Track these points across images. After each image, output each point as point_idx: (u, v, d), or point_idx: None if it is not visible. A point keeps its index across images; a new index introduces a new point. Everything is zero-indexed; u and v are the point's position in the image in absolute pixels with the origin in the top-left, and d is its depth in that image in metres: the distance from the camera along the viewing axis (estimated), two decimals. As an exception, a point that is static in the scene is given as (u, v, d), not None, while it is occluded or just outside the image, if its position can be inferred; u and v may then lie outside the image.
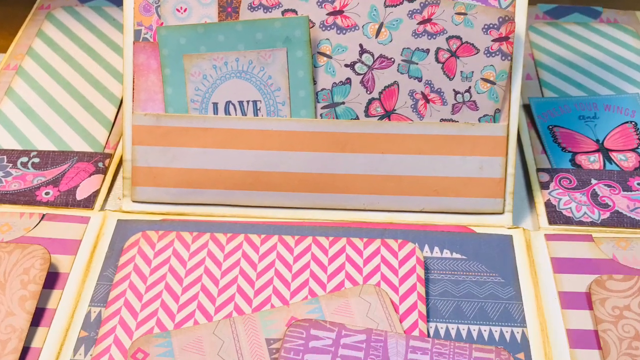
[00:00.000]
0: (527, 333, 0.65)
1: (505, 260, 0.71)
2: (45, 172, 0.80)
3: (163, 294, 0.68)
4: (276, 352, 0.62)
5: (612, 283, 0.67)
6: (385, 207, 0.76)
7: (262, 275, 0.69)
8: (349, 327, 0.63)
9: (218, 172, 0.76)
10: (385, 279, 0.68)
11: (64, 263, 0.71)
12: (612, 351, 0.62)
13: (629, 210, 0.75)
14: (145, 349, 0.62)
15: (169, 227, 0.75)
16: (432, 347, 0.62)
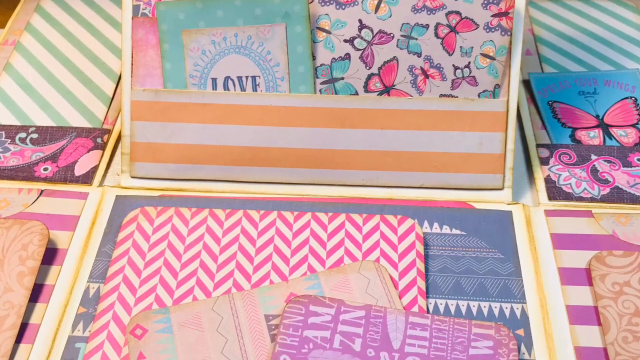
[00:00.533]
0: (527, 309, 0.64)
1: (504, 236, 0.70)
2: (43, 147, 0.79)
3: (162, 270, 0.67)
4: (275, 328, 0.61)
5: (612, 259, 0.66)
6: (384, 183, 0.75)
7: (261, 251, 0.68)
8: (348, 303, 0.62)
9: (217, 148, 0.75)
10: (384, 254, 0.67)
11: (62, 239, 0.70)
12: (612, 327, 0.61)
13: (629, 186, 0.74)
14: (144, 325, 0.61)
15: (167, 203, 0.73)
16: (432, 323, 0.61)
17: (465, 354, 0.59)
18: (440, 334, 0.60)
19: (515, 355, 0.59)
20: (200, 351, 0.60)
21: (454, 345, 0.59)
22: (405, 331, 0.60)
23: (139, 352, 0.60)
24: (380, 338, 0.60)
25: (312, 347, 0.59)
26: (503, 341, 0.59)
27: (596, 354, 0.60)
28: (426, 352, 0.59)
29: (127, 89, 0.75)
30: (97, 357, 0.60)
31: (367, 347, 0.59)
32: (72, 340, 0.62)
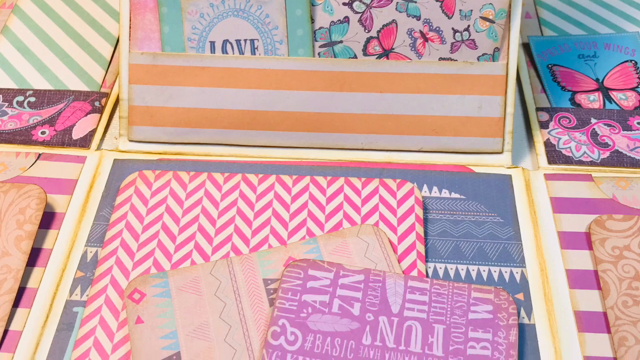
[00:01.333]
0: (527, 273, 0.62)
1: (504, 200, 0.68)
2: (41, 111, 0.77)
3: (160, 234, 0.65)
4: (274, 292, 0.59)
5: (612, 223, 0.64)
6: (383, 147, 0.72)
7: (260, 215, 0.66)
8: (347, 268, 0.60)
9: (215, 112, 0.72)
10: (383, 218, 0.65)
11: (60, 203, 0.68)
12: (612, 291, 0.59)
13: (629, 150, 0.72)
14: (142, 289, 0.59)
15: (165, 166, 0.71)
16: (431, 287, 0.59)
17: (464, 318, 0.57)
18: (439, 298, 0.58)
19: (514, 319, 0.57)
20: (198, 315, 0.58)
21: (453, 309, 0.58)
22: (405, 295, 0.58)
23: (137, 316, 0.58)
24: (379, 302, 0.58)
25: (311, 311, 0.57)
26: (502, 305, 0.58)
27: (596, 318, 0.59)
28: (425, 317, 0.57)
29: (125, 52, 0.73)
30: (94, 321, 0.59)
31: (366, 311, 0.57)
32: (69, 305, 0.61)
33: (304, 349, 0.55)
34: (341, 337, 0.56)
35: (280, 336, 0.56)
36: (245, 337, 0.57)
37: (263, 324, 0.57)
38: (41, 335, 0.59)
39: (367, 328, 0.56)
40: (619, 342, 0.57)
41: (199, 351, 0.56)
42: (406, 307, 0.58)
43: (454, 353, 0.55)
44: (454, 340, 0.56)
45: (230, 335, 0.57)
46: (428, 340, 0.56)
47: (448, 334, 0.56)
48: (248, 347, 0.56)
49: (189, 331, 0.57)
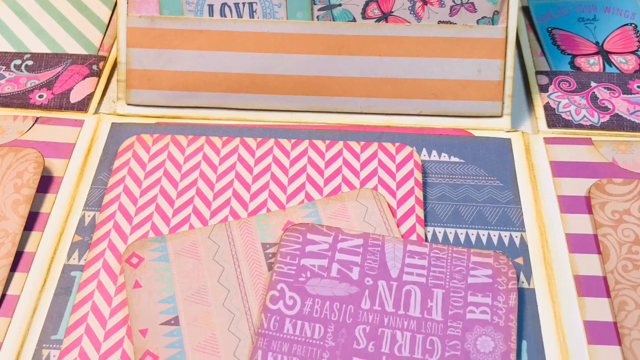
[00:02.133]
0: (526, 237, 0.60)
1: (504, 163, 0.65)
2: (39, 74, 0.74)
3: (158, 198, 0.62)
4: (272, 256, 0.57)
5: (612, 187, 0.62)
6: (382, 110, 0.70)
7: (258, 179, 0.64)
8: (345, 232, 0.58)
9: (214, 75, 0.70)
10: (382, 182, 0.63)
11: (57, 167, 0.66)
12: (612, 255, 0.57)
13: (629, 114, 0.69)
14: (140, 254, 0.57)
15: (163, 130, 0.69)
16: (430, 251, 0.57)
17: (463, 282, 0.55)
18: (438, 263, 0.56)
19: (514, 283, 0.55)
20: (196, 279, 0.56)
21: (452, 273, 0.56)
22: (404, 260, 0.56)
23: (135, 280, 0.56)
24: (378, 267, 0.56)
25: (310, 275, 0.55)
26: (502, 270, 0.56)
27: (596, 283, 0.57)
28: (424, 281, 0.55)
29: (123, 16, 0.70)
30: (92, 285, 0.57)
31: (365, 275, 0.55)
32: (67, 269, 0.59)
33: (302, 313, 0.54)
34: (340, 302, 0.54)
35: (279, 300, 0.54)
36: (243, 302, 0.55)
37: (261, 288, 0.56)
38: (39, 300, 0.57)
39: (366, 292, 0.55)
40: (618, 307, 0.55)
41: (197, 315, 0.54)
42: (405, 272, 0.56)
43: (453, 317, 0.54)
44: (453, 305, 0.54)
45: (228, 299, 0.55)
46: (427, 304, 0.54)
47: (447, 298, 0.55)
48: (246, 312, 0.54)
49: (187, 295, 0.55)
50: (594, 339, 0.54)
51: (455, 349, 0.52)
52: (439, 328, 0.53)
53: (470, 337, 0.53)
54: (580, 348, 0.53)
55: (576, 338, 0.54)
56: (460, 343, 0.52)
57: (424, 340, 0.52)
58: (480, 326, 0.53)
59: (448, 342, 0.52)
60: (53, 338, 0.55)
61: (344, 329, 0.53)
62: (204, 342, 0.53)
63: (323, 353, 0.52)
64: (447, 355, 0.52)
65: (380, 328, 0.53)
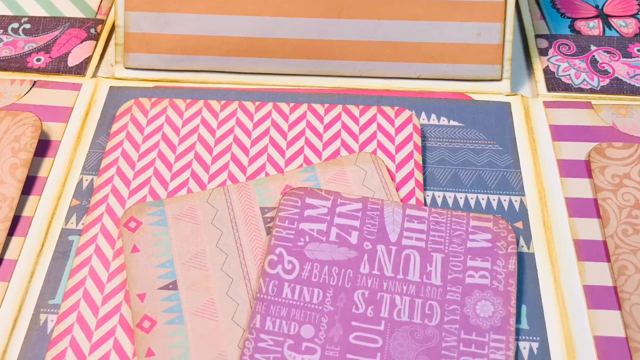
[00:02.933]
0: (526, 201, 0.58)
1: (503, 127, 0.63)
2: (36, 38, 0.71)
3: (156, 162, 0.60)
4: (271, 220, 0.55)
5: (612, 151, 0.60)
6: (381, 74, 0.67)
7: (257, 143, 0.62)
8: (344, 196, 0.56)
9: (212, 38, 0.67)
10: (381, 146, 0.61)
11: (55, 130, 0.63)
12: (612, 220, 0.55)
13: (629, 77, 0.67)
14: (138, 218, 0.55)
15: (161, 94, 0.66)
16: (429, 215, 0.55)
17: (463, 246, 0.53)
18: (437, 227, 0.54)
19: (513, 248, 0.53)
20: (194, 244, 0.54)
21: (451, 238, 0.54)
22: (403, 224, 0.54)
23: (133, 245, 0.54)
24: (377, 231, 0.54)
25: (308, 240, 0.53)
26: (501, 234, 0.54)
27: (596, 247, 0.55)
28: (423, 245, 0.53)
29: (120, -22, 0.68)
30: (90, 250, 0.55)
31: (364, 240, 0.53)
32: (65, 233, 0.57)
33: (301, 277, 0.52)
34: (339, 266, 0.52)
35: (278, 265, 0.52)
36: (242, 266, 0.53)
37: (260, 252, 0.54)
38: (36, 264, 0.55)
39: (365, 257, 0.53)
40: (618, 271, 0.53)
41: (196, 280, 0.52)
42: (404, 236, 0.54)
43: (452, 282, 0.52)
44: (453, 269, 0.52)
45: (226, 264, 0.53)
46: (426, 269, 0.52)
47: (446, 262, 0.53)
48: (245, 276, 0.52)
49: (186, 260, 0.53)
50: (594, 304, 0.52)
51: (455, 314, 0.50)
52: (438, 292, 0.51)
53: (469, 302, 0.51)
54: (580, 312, 0.52)
55: (576, 302, 0.52)
56: (460, 307, 0.50)
57: (423, 304, 0.51)
58: (480, 291, 0.51)
59: (447, 307, 0.50)
60: (51, 302, 0.53)
61: (342, 294, 0.51)
62: (202, 306, 0.51)
63: (322, 317, 0.50)
64: (446, 319, 0.50)
65: (379, 292, 0.51)
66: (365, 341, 0.49)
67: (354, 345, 0.49)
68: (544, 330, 0.51)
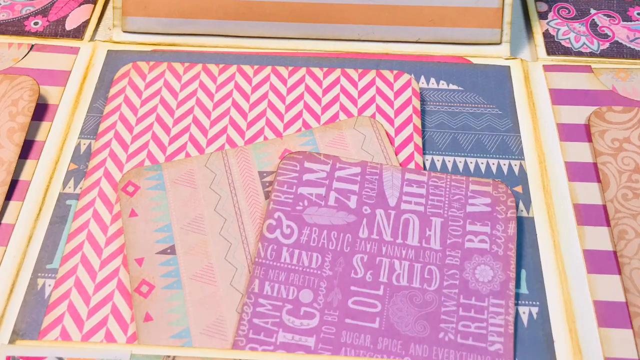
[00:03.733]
0: (525, 166, 0.56)
1: (502, 91, 0.61)
2: (34, 1, 0.69)
3: (154, 125, 0.58)
4: (269, 185, 0.53)
5: (612, 115, 0.57)
6: (380, 38, 0.65)
7: (255, 107, 0.59)
8: (343, 160, 0.53)
9: (210, 2, 0.64)
10: (380, 110, 0.58)
11: (53, 94, 0.61)
12: (612, 184, 0.53)
13: (629, 41, 0.64)
14: (136, 182, 0.53)
15: (160, 57, 0.64)
16: (428, 179, 0.53)
17: (462, 211, 0.51)
18: (437, 191, 0.52)
19: (513, 212, 0.51)
20: (193, 208, 0.52)
21: (451, 202, 0.52)
22: (402, 188, 0.52)
23: (131, 209, 0.52)
24: (376, 195, 0.52)
25: (307, 204, 0.51)
26: (501, 198, 0.52)
27: (595, 211, 0.53)
28: (422, 210, 0.51)
29: (117, -60, 0.65)
30: (88, 214, 0.53)
31: (363, 204, 0.51)
32: (62, 198, 0.54)
33: (300, 242, 0.50)
34: (337, 231, 0.50)
35: (276, 229, 0.50)
36: (240, 230, 0.51)
37: (258, 217, 0.51)
38: (34, 229, 0.53)
39: (364, 221, 0.51)
40: (618, 235, 0.51)
41: (194, 244, 0.50)
42: (403, 200, 0.52)
43: (451, 246, 0.50)
44: (452, 234, 0.50)
45: (225, 228, 0.51)
46: (425, 233, 0.50)
47: (446, 227, 0.50)
48: (243, 241, 0.50)
49: (184, 224, 0.51)
50: (594, 268, 0.50)
51: (454, 278, 0.48)
52: (437, 257, 0.49)
53: (469, 266, 0.49)
54: (579, 277, 0.50)
55: (576, 267, 0.50)
56: (459, 272, 0.48)
57: (422, 269, 0.49)
58: (479, 255, 0.49)
59: (446, 272, 0.48)
60: (48, 267, 0.51)
61: (341, 258, 0.49)
62: (201, 271, 0.49)
63: (320, 282, 0.48)
64: (445, 284, 0.48)
65: (378, 257, 0.49)
66: (364, 306, 0.47)
67: (352, 310, 0.47)
68: (544, 295, 0.49)
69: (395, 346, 0.45)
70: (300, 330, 0.46)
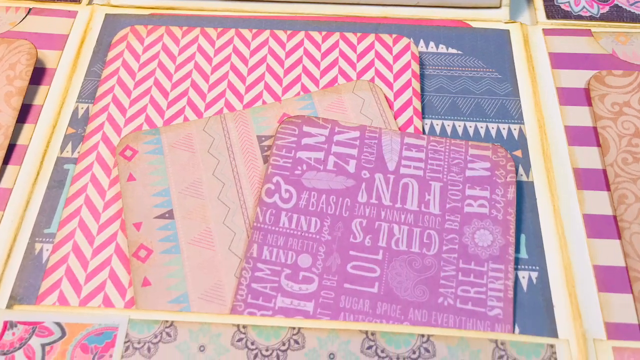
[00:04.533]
0: (525, 130, 0.53)
1: (502, 55, 0.58)
2: (31, -35, 0.66)
3: (152, 90, 0.55)
4: (268, 149, 0.51)
5: (612, 79, 0.55)
6: (379, 1, 0.62)
7: (254, 70, 0.56)
8: (342, 124, 0.51)
9: (208, -35, 0.62)
10: (379, 74, 0.56)
11: (50, 58, 0.58)
12: (612, 148, 0.51)
13: (629, 4, 0.61)
14: (134, 146, 0.51)
15: (158, 21, 0.61)
16: (428, 144, 0.50)
17: (461, 175, 0.49)
18: (436, 155, 0.50)
19: (512, 176, 0.49)
20: (191, 172, 0.50)
21: (450, 166, 0.49)
22: (401, 152, 0.50)
23: (129, 173, 0.50)
24: (375, 159, 0.49)
25: (306, 168, 0.49)
26: (500, 162, 0.49)
27: (595, 176, 0.50)
28: (422, 174, 0.49)
29: None
30: (86, 178, 0.50)
31: (362, 168, 0.49)
32: (60, 162, 0.52)
33: (298, 206, 0.47)
34: (336, 195, 0.48)
35: (275, 194, 0.48)
36: (239, 195, 0.49)
37: (257, 181, 0.49)
38: (32, 193, 0.50)
39: (363, 186, 0.48)
40: (618, 200, 0.48)
41: (192, 209, 0.48)
42: (402, 164, 0.49)
43: (450, 211, 0.47)
44: (451, 198, 0.48)
45: (223, 192, 0.49)
46: (425, 197, 0.48)
47: (445, 191, 0.48)
48: (242, 205, 0.48)
49: (182, 188, 0.49)
50: (594, 233, 0.48)
51: (453, 243, 0.46)
52: (436, 222, 0.47)
53: (468, 231, 0.46)
54: (579, 242, 0.47)
55: (575, 232, 0.48)
56: (458, 237, 0.46)
57: (421, 234, 0.46)
58: (479, 220, 0.47)
59: (446, 236, 0.46)
60: (46, 232, 0.48)
61: (340, 223, 0.47)
62: (199, 235, 0.47)
63: (319, 247, 0.46)
64: (444, 249, 0.46)
65: (377, 221, 0.47)
66: (363, 270, 0.45)
67: (351, 275, 0.45)
68: (543, 260, 0.47)
69: (394, 311, 0.43)
70: (299, 295, 0.44)
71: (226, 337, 0.42)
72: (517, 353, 0.41)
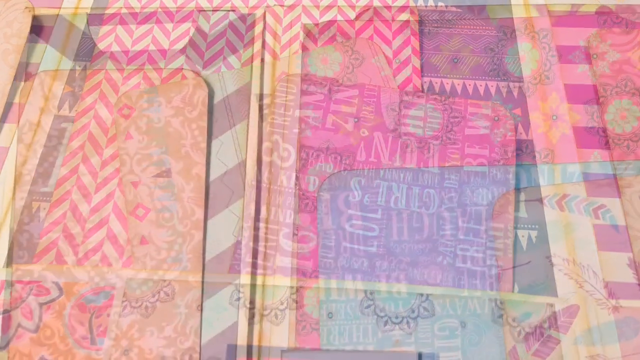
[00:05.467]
0: (524, 88, 0.50)
1: (502, 13, 0.55)
2: None
3: (149, 47, 0.52)
4: (266, 107, 0.48)
5: (612, 36, 0.52)
6: (378, -41, 0.58)
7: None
8: (340, 82, 0.48)
9: None
10: (378, 32, 0.53)
11: (47, 16, 0.55)
12: (611, 106, 0.48)
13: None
14: (132, 104, 0.48)
15: None
16: (427, 102, 0.47)
17: (461, 133, 0.46)
18: (435, 114, 0.47)
19: (512, 135, 0.46)
20: (189, 131, 0.47)
21: (449, 125, 0.47)
22: (400, 111, 0.47)
23: (127, 132, 0.47)
24: (374, 118, 0.47)
25: (304, 127, 0.46)
26: (500, 121, 0.47)
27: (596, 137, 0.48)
28: (421, 132, 0.46)
29: None
30: (83, 137, 0.48)
31: (361, 127, 0.46)
32: (58, 120, 0.49)
33: (297, 165, 0.45)
34: (335, 153, 0.45)
35: (273, 152, 0.45)
36: (237, 153, 0.46)
37: (255, 139, 0.46)
38: (28, 151, 0.47)
39: (362, 144, 0.46)
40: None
41: (190, 167, 0.45)
42: (401, 123, 0.47)
43: (450, 170, 0.45)
44: (450, 157, 0.45)
45: (221, 151, 0.46)
46: (424, 156, 0.45)
47: (444, 150, 0.46)
48: (240, 163, 0.46)
49: (180, 147, 0.46)
50: (594, 192, 0.45)
51: (452, 202, 0.44)
52: (435, 180, 0.44)
53: (467, 190, 0.44)
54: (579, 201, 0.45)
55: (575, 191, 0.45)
56: (457, 195, 0.44)
57: (420, 192, 0.44)
58: (478, 178, 0.44)
59: (445, 195, 0.44)
60: (43, 190, 0.46)
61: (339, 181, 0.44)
62: (197, 194, 0.44)
63: (318, 205, 0.43)
64: (443, 207, 0.43)
65: (376, 180, 0.44)
66: (362, 229, 0.43)
67: (350, 234, 0.42)
68: (543, 219, 0.44)
69: (393, 270, 0.41)
70: (298, 254, 0.42)
71: (224, 295, 0.40)
72: (516, 312, 0.39)
